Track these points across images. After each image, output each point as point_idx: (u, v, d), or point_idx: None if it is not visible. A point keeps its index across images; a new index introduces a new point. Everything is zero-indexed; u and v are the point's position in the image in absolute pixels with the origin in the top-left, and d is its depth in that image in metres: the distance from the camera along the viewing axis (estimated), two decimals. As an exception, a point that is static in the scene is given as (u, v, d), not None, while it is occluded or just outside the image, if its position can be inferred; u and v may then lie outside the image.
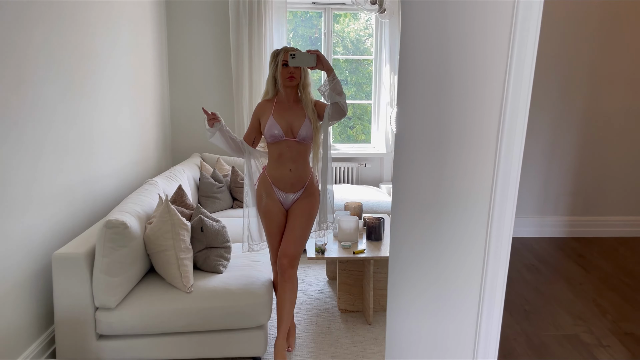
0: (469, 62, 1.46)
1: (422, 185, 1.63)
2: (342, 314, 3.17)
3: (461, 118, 1.51)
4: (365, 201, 4.24)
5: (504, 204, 1.55)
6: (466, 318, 1.68)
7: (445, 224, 1.62)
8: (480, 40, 1.43)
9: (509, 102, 1.44)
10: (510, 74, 1.43)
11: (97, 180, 3.14)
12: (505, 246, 1.60)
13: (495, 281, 1.65)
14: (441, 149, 1.56)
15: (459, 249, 1.62)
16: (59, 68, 2.66)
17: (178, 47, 4.76)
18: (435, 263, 1.66)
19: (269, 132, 2.53)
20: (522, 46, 1.40)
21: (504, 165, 1.51)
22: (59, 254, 2.32)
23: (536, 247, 4.10)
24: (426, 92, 1.56)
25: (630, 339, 2.73)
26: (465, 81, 1.48)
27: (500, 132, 1.47)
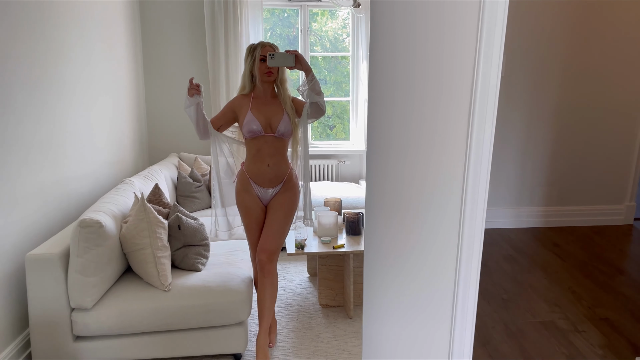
0: (437, 58, 1.48)
1: (393, 180, 1.64)
2: (323, 309, 3.18)
3: (431, 113, 1.53)
4: (345, 197, 4.25)
5: (475, 195, 1.58)
6: (441, 310, 1.70)
7: (418, 218, 1.63)
8: (449, 37, 1.46)
9: (478, 96, 1.47)
10: (479, 68, 1.45)
11: (71, 180, 3.09)
12: (478, 238, 1.63)
13: (469, 273, 1.67)
14: (412, 143, 1.58)
15: (433, 242, 1.64)
16: (28, 66, 2.61)
17: (153, 47, 4.71)
18: (409, 257, 1.68)
19: (247, 128, 2.51)
20: (490, 41, 1.43)
21: (475, 158, 1.53)
22: (32, 255, 2.28)
23: (513, 238, 4.17)
24: (396, 89, 1.57)
25: (605, 324, 2.79)
26: (434, 76, 1.50)
27: (470, 125, 1.49)
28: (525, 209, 4.44)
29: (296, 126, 2.58)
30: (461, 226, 1.62)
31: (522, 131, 4.29)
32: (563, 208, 4.46)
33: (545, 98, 4.26)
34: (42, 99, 2.75)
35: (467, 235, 1.63)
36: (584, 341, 2.63)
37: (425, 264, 1.67)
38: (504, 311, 2.93)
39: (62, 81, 2.99)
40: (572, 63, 4.21)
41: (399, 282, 1.71)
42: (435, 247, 1.65)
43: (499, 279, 3.35)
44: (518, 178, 4.38)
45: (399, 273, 1.71)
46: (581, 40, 4.17)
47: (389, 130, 1.61)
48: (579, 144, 4.38)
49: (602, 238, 4.16)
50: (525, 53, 4.14)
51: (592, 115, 4.33)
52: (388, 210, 1.67)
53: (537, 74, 4.20)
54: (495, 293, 3.15)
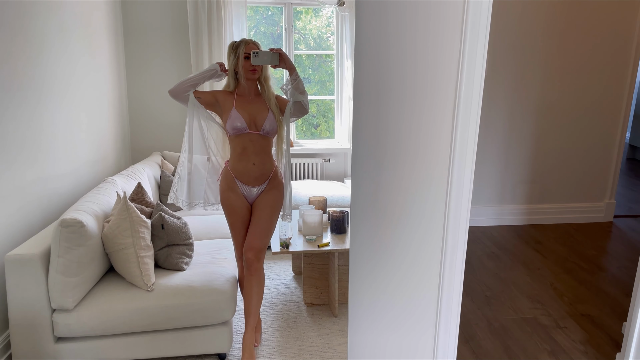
0: (422, 58, 1.49)
1: (379, 178, 1.64)
2: (308, 307, 3.17)
3: (416, 112, 1.54)
4: (330, 196, 4.25)
5: (460, 195, 1.59)
6: (426, 308, 1.72)
7: (403, 217, 1.64)
8: (433, 37, 1.47)
9: (462, 95, 1.48)
10: (463, 68, 1.47)
11: (51, 179, 3.04)
12: (462, 236, 1.64)
13: (454, 271, 1.69)
14: (397, 142, 1.58)
15: (417, 240, 1.66)
16: (6, 62, 2.56)
17: (136, 45, 4.66)
18: (393, 255, 1.69)
19: (232, 125, 2.48)
20: (474, 41, 1.45)
21: (459, 158, 1.55)
22: (12, 255, 2.23)
23: (496, 235, 4.21)
24: (381, 87, 1.57)
25: (586, 320, 2.84)
26: (419, 75, 1.51)
27: (455, 124, 1.50)
28: (508, 206, 4.50)
29: (281, 124, 2.56)
30: (446, 224, 1.64)
31: (504, 129, 4.34)
32: (544, 206, 4.53)
33: (526, 97, 4.31)
34: (21, 96, 2.70)
35: (451, 233, 1.64)
36: (565, 337, 2.67)
37: (410, 262, 1.68)
38: (487, 308, 2.96)
39: (42, 78, 2.94)
40: (553, 62, 4.27)
41: (384, 279, 1.72)
42: (420, 244, 1.66)
43: (482, 276, 3.39)
44: (500, 176, 4.43)
45: (383, 270, 1.72)
46: (562, 39, 4.23)
47: (374, 129, 1.61)
48: (560, 142, 4.44)
49: (582, 235, 4.23)
50: (507, 52, 4.18)
51: (572, 113, 4.39)
52: (373, 209, 1.67)
53: (518, 73, 4.25)
54: (479, 290, 3.18)
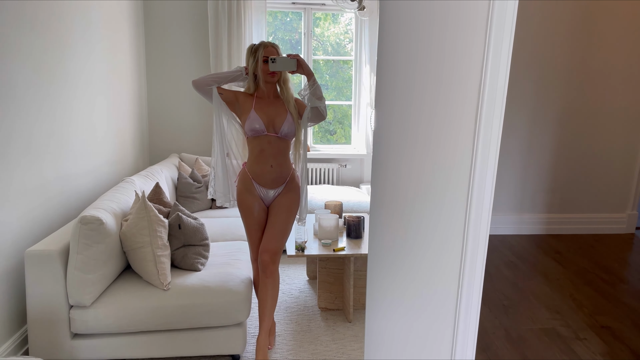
0: (445, 60, 1.48)
1: (399, 184, 1.63)
2: (322, 312, 3.16)
3: (438, 117, 1.52)
4: (346, 201, 4.24)
5: (480, 201, 1.57)
6: (444, 315, 1.69)
7: (423, 223, 1.62)
8: (458, 39, 1.45)
9: (485, 100, 1.46)
10: (487, 72, 1.45)
11: (72, 178, 3.08)
12: (483, 244, 1.61)
13: (473, 279, 1.66)
14: (418, 148, 1.57)
15: (437, 247, 1.63)
16: (31, 63, 2.61)
17: (156, 48, 4.72)
18: (413, 261, 1.67)
19: (250, 126, 2.49)
20: (498, 45, 1.43)
21: (481, 163, 1.53)
22: (32, 251, 2.26)
23: (514, 244, 4.15)
24: (403, 92, 1.56)
25: (606, 332, 2.78)
26: (442, 80, 1.49)
27: (477, 130, 1.48)
28: (527, 215, 4.43)
29: (299, 127, 2.56)
30: (466, 231, 1.61)
31: (524, 137, 4.28)
32: (565, 215, 4.45)
33: (548, 104, 4.26)
34: (44, 96, 2.74)
35: (471, 240, 1.62)
36: (585, 349, 2.61)
37: (429, 268, 1.66)
38: (505, 317, 2.91)
39: (65, 78, 2.99)
40: (576, 69, 4.21)
41: (402, 285, 1.70)
42: (439, 251, 1.64)
43: (499, 285, 3.33)
44: (520, 184, 4.37)
45: (402, 276, 1.70)
46: (585, 45, 4.17)
47: (395, 133, 1.60)
48: (582, 151, 4.37)
49: (603, 246, 4.14)
50: (529, 58, 4.14)
51: (595, 122, 4.32)
52: (393, 213, 1.66)
53: (540, 80, 4.20)
54: (496, 299, 3.13)
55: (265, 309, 2.56)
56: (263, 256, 2.52)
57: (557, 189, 4.40)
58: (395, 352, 1.76)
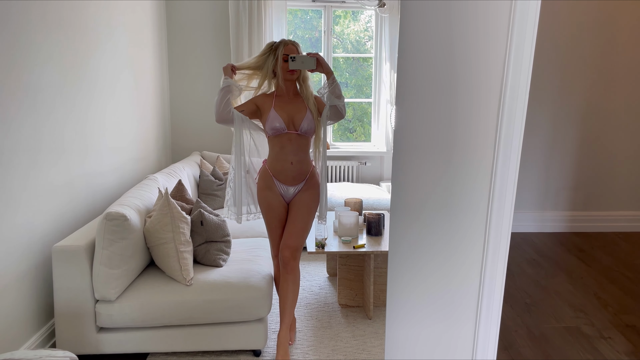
0: (467, 59, 1.47)
1: (421, 182, 1.63)
2: (343, 309, 3.17)
3: (459, 114, 1.52)
4: (366, 199, 4.24)
5: (502, 199, 1.56)
6: (465, 314, 1.68)
7: (444, 220, 1.62)
8: (479, 38, 1.45)
9: (507, 98, 1.45)
10: (509, 70, 1.44)
11: (97, 175, 3.14)
12: (505, 242, 1.60)
13: (495, 277, 1.65)
14: (440, 145, 1.56)
15: (458, 244, 1.63)
16: (58, 63, 2.67)
17: (178, 48, 4.78)
18: (434, 260, 1.66)
19: (271, 125, 2.51)
20: (520, 43, 1.42)
21: (503, 161, 1.52)
22: (59, 247, 2.32)
23: (537, 242, 4.10)
24: (425, 90, 1.56)
25: (631, 331, 2.72)
26: (463, 77, 1.49)
27: (499, 127, 1.48)
28: (550, 213, 4.37)
29: (319, 124, 2.57)
30: (487, 229, 1.60)
31: (547, 133, 4.22)
32: (589, 213, 4.37)
33: (572, 99, 4.19)
34: (71, 97, 2.81)
35: (493, 238, 1.61)
36: (609, 348, 2.57)
37: (450, 266, 1.66)
38: (527, 315, 2.88)
39: (90, 79, 3.05)
40: (601, 64, 4.13)
41: (423, 283, 1.70)
42: (460, 249, 1.63)
43: (522, 283, 3.30)
44: (543, 181, 4.31)
45: (423, 274, 1.69)
46: (610, 40, 4.09)
47: (416, 131, 1.60)
48: (607, 147, 4.28)
49: (629, 244, 4.06)
50: (553, 53, 4.07)
51: (620, 117, 4.24)
52: (414, 212, 1.66)
53: (564, 75, 4.13)
54: (519, 297, 3.10)
55: (286, 305, 2.58)
56: (284, 252, 2.54)
57: (581, 186, 4.33)
58: (415, 351, 1.76)
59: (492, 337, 1.71)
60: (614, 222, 4.37)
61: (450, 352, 1.73)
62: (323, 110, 2.52)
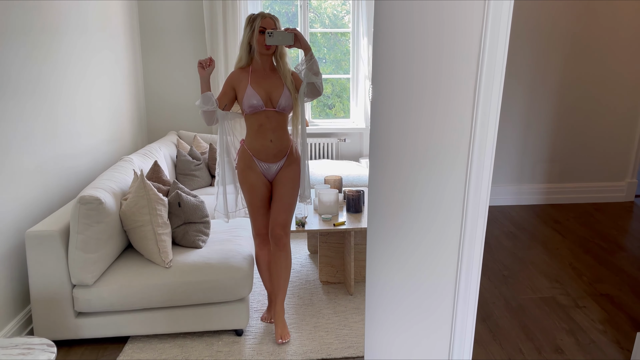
0: (444, 30, 1.44)
1: (398, 156, 1.62)
2: (324, 285, 3.18)
3: (437, 88, 1.50)
4: (345, 175, 4.23)
5: (480, 173, 1.56)
6: (444, 286, 1.70)
7: (422, 195, 1.62)
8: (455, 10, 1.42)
9: (484, 69, 1.43)
10: (486, 38, 1.42)
11: (69, 157, 3.06)
12: (482, 215, 1.61)
13: (473, 250, 1.66)
14: (417, 119, 1.55)
15: (436, 218, 1.63)
16: (24, 40, 2.57)
17: (150, 23, 4.64)
18: (412, 234, 1.66)
19: (248, 102, 2.44)
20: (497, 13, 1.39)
21: (480, 135, 1.51)
22: (32, 232, 2.27)
23: (514, 215, 4.17)
24: (401, 63, 1.53)
25: (605, 300, 2.80)
26: (441, 50, 1.46)
27: (476, 102, 1.47)
28: (526, 186, 4.43)
29: (297, 101, 2.51)
30: (465, 203, 1.61)
31: (524, 107, 4.25)
32: (564, 185, 4.45)
33: (548, 74, 4.21)
34: (37, 76, 2.71)
35: (471, 212, 1.61)
36: (584, 316, 2.64)
37: (428, 240, 1.66)
38: (505, 287, 2.94)
39: (59, 57, 2.94)
40: (576, 39, 4.15)
41: (402, 258, 1.70)
42: (438, 222, 1.64)
43: (499, 256, 3.35)
44: (519, 155, 4.36)
45: (402, 248, 1.70)
46: (585, 16, 4.10)
47: (392, 105, 1.58)
48: (581, 121, 4.34)
49: (603, 215, 4.15)
50: (529, 28, 4.07)
51: (595, 91, 4.28)
52: (391, 186, 1.65)
53: (540, 50, 4.14)
54: (496, 269, 3.16)
55: (281, 280, 2.60)
56: (275, 230, 2.53)
57: (557, 159, 4.39)
58: (395, 324, 1.78)
59: (470, 309, 1.74)
60: (589, 193, 4.46)
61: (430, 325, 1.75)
62: (300, 87, 2.46)
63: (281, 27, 2.45)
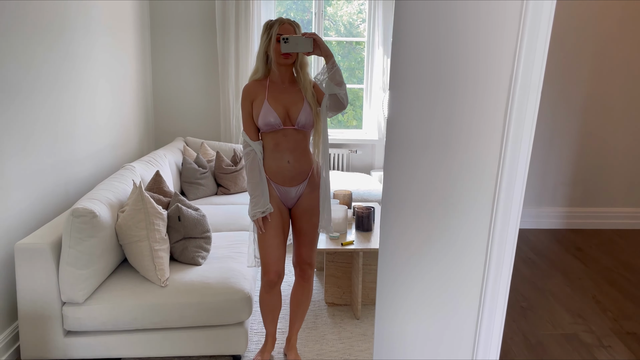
0: (472, 40, 1.28)
1: (417, 174, 1.46)
2: (329, 307, 3.02)
3: (462, 102, 1.33)
4: (355, 189, 4.07)
5: (510, 194, 1.39)
6: (464, 320, 1.53)
7: (443, 217, 1.45)
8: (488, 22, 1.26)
9: (517, 89, 1.27)
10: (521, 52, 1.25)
11: (71, 163, 2.93)
12: (511, 244, 1.44)
13: (499, 282, 1.49)
14: (441, 138, 1.39)
15: (459, 244, 1.46)
16: (24, 40, 2.45)
17: (161, 26, 4.53)
18: (430, 260, 1.50)
19: (264, 120, 2.16)
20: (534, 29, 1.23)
21: (511, 158, 1.35)
22: (22, 244, 2.14)
23: (532, 239, 3.96)
24: (422, 77, 1.38)
25: (632, 339, 2.60)
26: (468, 62, 1.30)
27: (508, 116, 1.30)
28: (546, 209, 4.23)
29: (318, 117, 2.25)
30: (492, 230, 1.44)
31: (545, 126, 4.06)
32: (586, 209, 4.24)
33: (572, 93, 4.02)
34: (38, 74, 2.58)
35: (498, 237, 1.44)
36: (609, 357, 2.45)
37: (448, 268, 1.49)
38: (523, 320, 2.74)
39: (62, 58, 2.82)
40: (600, 58, 3.96)
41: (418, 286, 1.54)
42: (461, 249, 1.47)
43: (517, 285, 3.16)
44: (540, 176, 4.16)
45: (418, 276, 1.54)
46: (609, 34, 3.92)
47: (413, 122, 1.43)
48: (606, 142, 4.14)
49: (628, 243, 3.93)
50: (552, 46, 3.89)
51: (621, 112, 4.08)
52: (408, 208, 1.50)
53: (565, 67, 3.96)
54: (514, 300, 2.96)
55: (299, 311, 2.48)
56: (303, 266, 2.38)
57: (579, 181, 4.19)
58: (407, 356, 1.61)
59: (494, 347, 1.56)
60: (612, 219, 4.25)
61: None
62: (322, 100, 2.21)
63: (301, 34, 2.19)
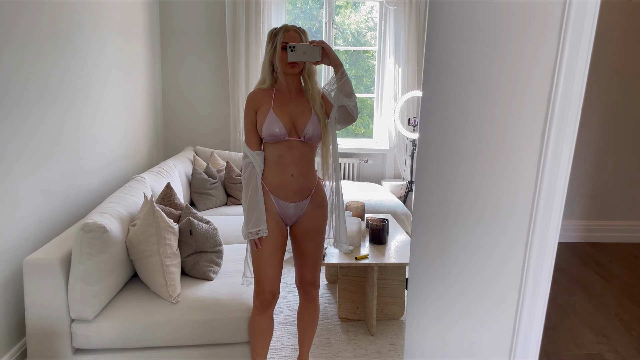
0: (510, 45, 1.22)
1: (450, 189, 1.39)
2: (343, 322, 2.94)
3: (500, 108, 1.26)
4: (367, 200, 4.00)
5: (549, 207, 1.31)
6: (500, 335, 1.45)
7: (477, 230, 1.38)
8: (527, 30, 1.19)
9: (557, 103, 1.20)
10: (563, 57, 1.18)
11: (80, 175, 2.89)
12: (549, 259, 1.35)
13: (536, 294, 1.40)
14: (474, 145, 1.32)
15: (494, 258, 1.39)
16: (34, 54, 2.41)
17: (171, 35, 4.50)
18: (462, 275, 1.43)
19: (268, 130, 2.05)
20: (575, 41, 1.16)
21: (551, 166, 1.27)
22: (30, 260, 2.08)
23: (549, 253, 3.86)
24: (458, 83, 1.31)
25: (658, 359, 2.51)
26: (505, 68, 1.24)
27: (548, 126, 1.22)
28: (564, 222, 4.13)
29: (326, 128, 2.15)
30: (529, 241, 1.36)
31: (562, 137, 3.97)
32: (606, 222, 4.14)
33: (592, 103, 3.93)
34: (46, 82, 2.54)
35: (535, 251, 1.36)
36: (636, 379, 2.35)
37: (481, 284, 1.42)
38: (545, 340, 2.65)
39: (72, 70, 2.78)
40: (622, 68, 3.88)
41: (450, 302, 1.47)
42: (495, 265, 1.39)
43: (535, 300, 3.06)
44: (556, 187, 4.07)
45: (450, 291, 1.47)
46: (632, 45, 3.83)
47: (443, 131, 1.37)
48: (626, 154, 4.04)
49: (648, 257, 3.83)
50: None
51: (640, 122, 3.99)
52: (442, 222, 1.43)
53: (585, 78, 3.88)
54: (533, 316, 2.87)
55: (306, 333, 2.39)
56: (306, 287, 2.27)
57: (598, 194, 4.09)
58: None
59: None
60: (633, 232, 4.14)
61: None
62: (331, 112, 2.11)
63: (308, 41, 2.09)
